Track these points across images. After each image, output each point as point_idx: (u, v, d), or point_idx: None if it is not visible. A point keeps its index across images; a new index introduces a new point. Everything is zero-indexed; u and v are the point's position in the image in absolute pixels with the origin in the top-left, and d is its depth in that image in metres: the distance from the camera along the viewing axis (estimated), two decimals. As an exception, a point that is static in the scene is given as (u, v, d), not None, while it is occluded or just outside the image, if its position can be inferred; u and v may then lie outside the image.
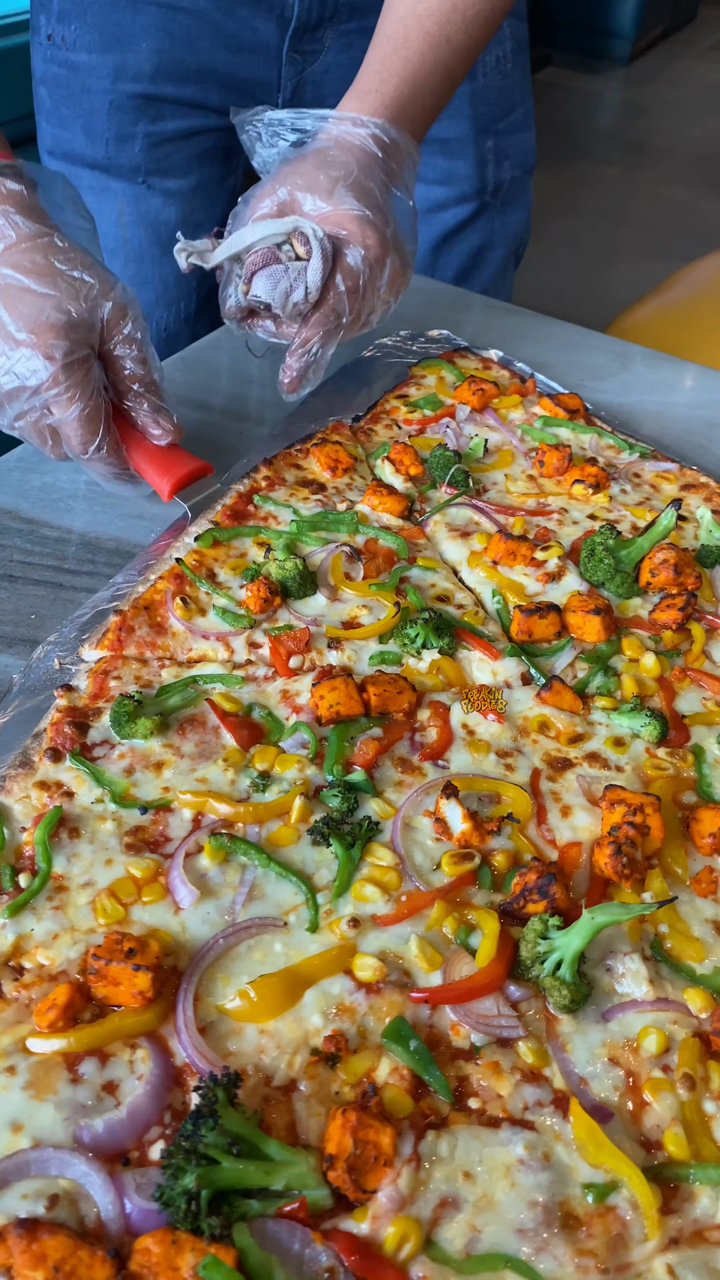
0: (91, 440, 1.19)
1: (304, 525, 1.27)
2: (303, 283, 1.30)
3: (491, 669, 1.12)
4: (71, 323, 1.15)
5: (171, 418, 1.26)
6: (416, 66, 1.41)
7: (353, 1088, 0.80)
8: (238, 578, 1.20)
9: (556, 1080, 0.81)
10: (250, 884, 0.91)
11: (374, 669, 1.12)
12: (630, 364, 1.70)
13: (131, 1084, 0.79)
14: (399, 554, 1.26)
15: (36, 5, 1.76)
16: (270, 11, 1.74)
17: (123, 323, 1.20)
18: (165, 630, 1.14)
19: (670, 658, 1.17)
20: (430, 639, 1.13)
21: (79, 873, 0.91)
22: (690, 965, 0.89)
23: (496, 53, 1.89)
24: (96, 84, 1.76)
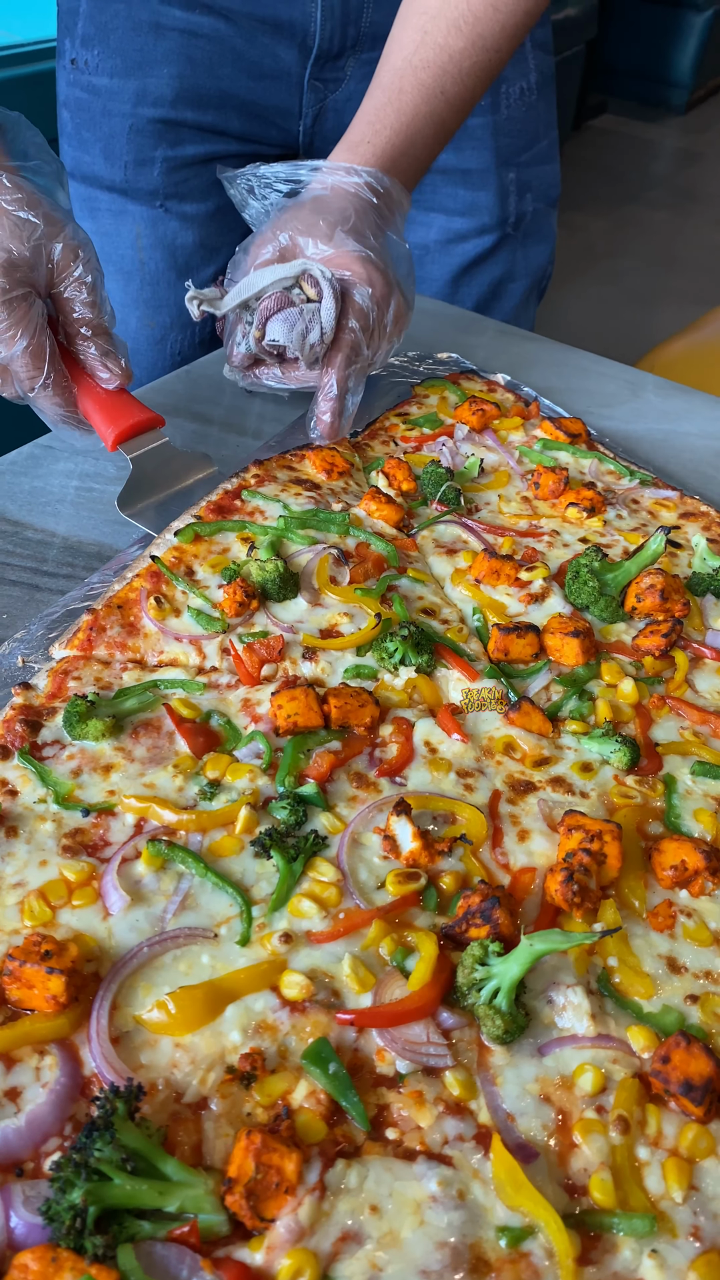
0: (37, 376, 1.20)
1: (292, 521, 1.24)
2: (317, 324, 1.31)
3: (466, 689, 1.09)
4: (12, 261, 1.15)
5: (120, 362, 1.26)
6: (410, 118, 1.43)
7: (266, 1109, 0.76)
8: (217, 576, 1.17)
9: (482, 1114, 0.77)
10: (185, 893, 0.88)
11: (349, 681, 1.08)
12: (641, 392, 1.67)
13: (35, 1092, 0.76)
14: (389, 561, 1.22)
15: (62, 30, 1.79)
16: (292, 40, 1.75)
17: (73, 265, 1.21)
18: (137, 631, 1.12)
19: (650, 685, 1.12)
20: (409, 655, 1.09)
21: (11, 872, 0.89)
22: (638, 1002, 0.84)
23: (520, 84, 1.89)
24: (117, 108, 1.78)
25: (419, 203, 1.95)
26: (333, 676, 1.09)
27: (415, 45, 1.44)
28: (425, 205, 1.95)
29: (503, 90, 1.87)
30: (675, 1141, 0.76)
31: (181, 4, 1.71)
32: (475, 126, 1.88)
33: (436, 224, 1.97)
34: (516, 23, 1.48)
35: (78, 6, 1.75)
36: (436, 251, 1.99)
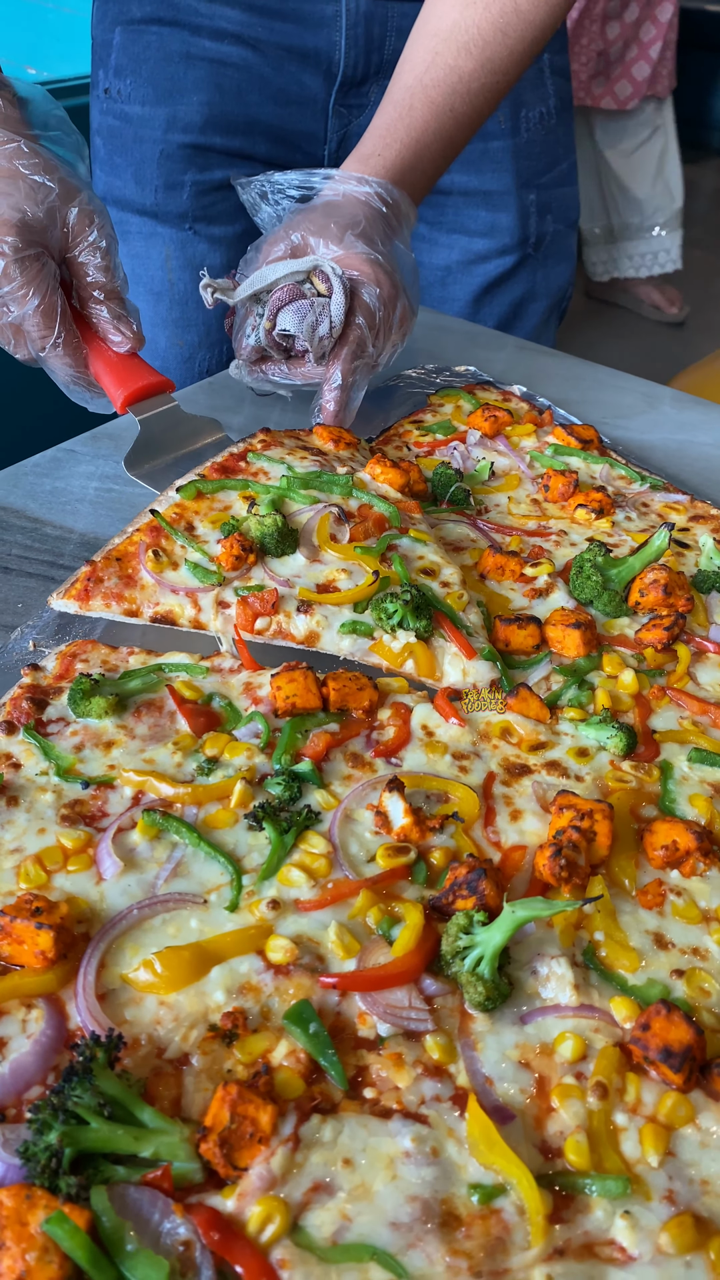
0: (49, 335, 1.23)
1: (295, 481, 1.24)
2: (327, 317, 1.35)
3: (464, 667, 1.10)
4: (25, 221, 1.20)
5: (132, 325, 1.30)
6: (419, 134, 1.47)
7: (246, 1067, 0.77)
8: (216, 532, 1.18)
9: (460, 1077, 0.77)
10: (177, 861, 0.90)
11: (344, 637, 1.10)
12: (658, 404, 1.68)
13: (20, 1042, 0.77)
14: (391, 521, 1.23)
15: (96, 61, 1.87)
16: (318, 67, 1.81)
17: (88, 230, 1.25)
18: (135, 583, 1.14)
19: (652, 676, 1.13)
20: (408, 619, 1.10)
21: (10, 839, 0.91)
22: (622, 975, 0.84)
23: (540, 109, 1.93)
24: (148, 134, 1.85)
25: (440, 224, 1.99)
26: (328, 630, 1.10)
27: (426, 65, 1.48)
28: (447, 227, 2.00)
29: (522, 114, 1.92)
30: (654, 1109, 0.76)
31: (211, 34, 1.78)
32: (496, 149, 1.92)
33: (458, 245, 2.01)
34: (524, 49, 1.53)
35: (111, 39, 1.83)
36: (458, 272, 2.03)
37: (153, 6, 1.77)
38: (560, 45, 1.95)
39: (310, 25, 1.77)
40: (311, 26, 1.77)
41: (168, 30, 1.78)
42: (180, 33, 1.78)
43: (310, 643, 1.12)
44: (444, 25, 1.50)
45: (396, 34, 1.76)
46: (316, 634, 1.10)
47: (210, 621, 1.13)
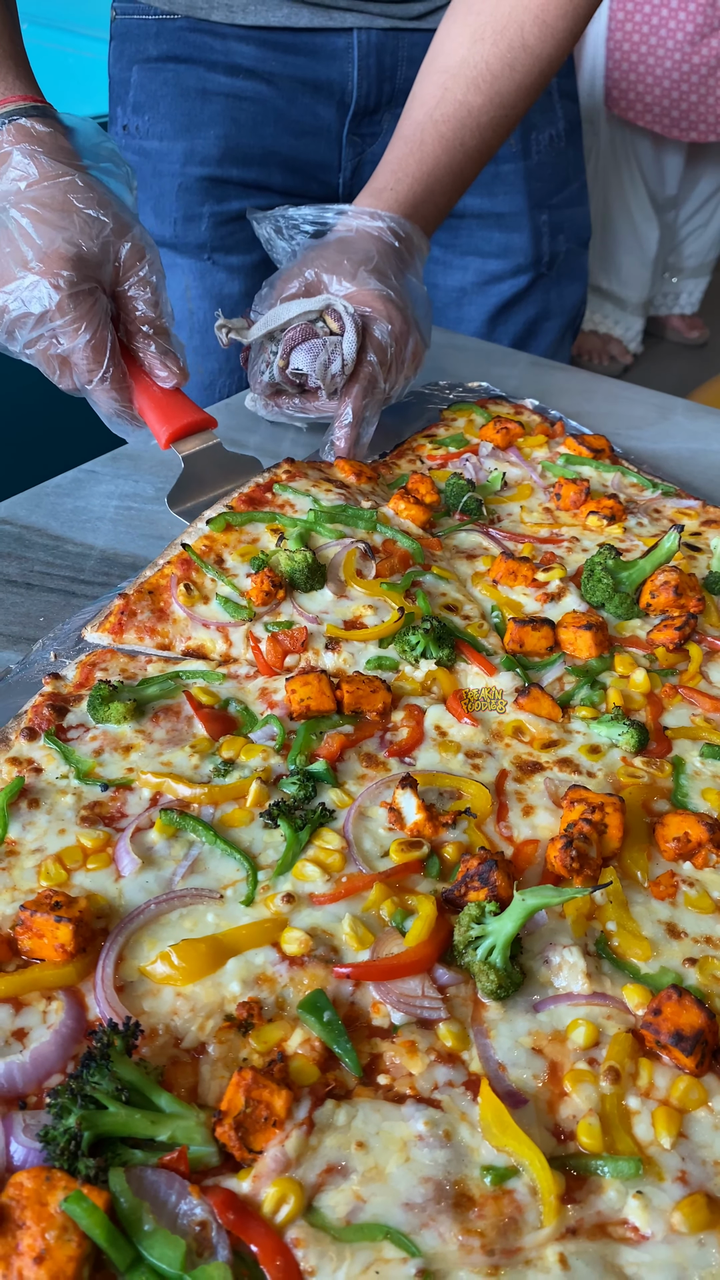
0: (97, 370, 1.25)
1: (321, 515, 1.26)
2: (339, 355, 1.38)
3: (486, 684, 1.11)
4: (81, 256, 1.22)
5: (178, 361, 1.31)
6: (430, 168, 1.50)
7: (262, 1055, 0.78)
8: (245, 565, 1.20)
9: (473, 1064, 0.78)
10: (194, 858, 0.92)
11: (369, 672, 1.11)
12: (671, 415, 1.70)
13: (41, 1032, 0.79)
14: (415, 558, 1.26)
15: (114, 99, 1.93)
16: (331, 98, 1.86)
17: (138, 265, 1.27)
18: (167, 616, 1.16)
19: (664, 676, 1.14)
20: (431, 649, 1.12)
21: (32, 839, 0.93)
22: (635, 964, 0.85)
23: (550, 131, 1.97)
24: (167, 168, 1.90)
25: (454, 246, 2.03)
26: (354, 667, 1.12)
27: (436, 100, 1.52)
28: (461, 249, 2.03)
29: (533, 137, 1.96)
30: (667, 1093, 0.76)
31: (226, 70, 1.83)
32: (508, 172, 1.96)
33: (472, 266, 2.05)
34: (532, 82, 1.56)
35: (129, 77, 1.88)
36: (473, 293, 2.06)
37: (169, 45, 1.83)
38: (568, 70, 1.98)
39: (323, 58, 1.82)
40: (324, 59, 1.82)
41: (184, 67, 1.83)
42: (196, 69, 1.83)
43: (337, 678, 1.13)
44: (453, 61, 1.54)
45: (407, 63, 1.81)
46: (344, 671, 1.12)
47: (241, 656, 1.14)
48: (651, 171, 4.82)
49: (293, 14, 1.78)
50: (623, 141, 4.74)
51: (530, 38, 1.53)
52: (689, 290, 5.35)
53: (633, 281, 5.07)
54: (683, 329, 5.51)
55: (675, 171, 4.85)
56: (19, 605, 1.24)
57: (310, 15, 1.78)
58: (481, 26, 1.53)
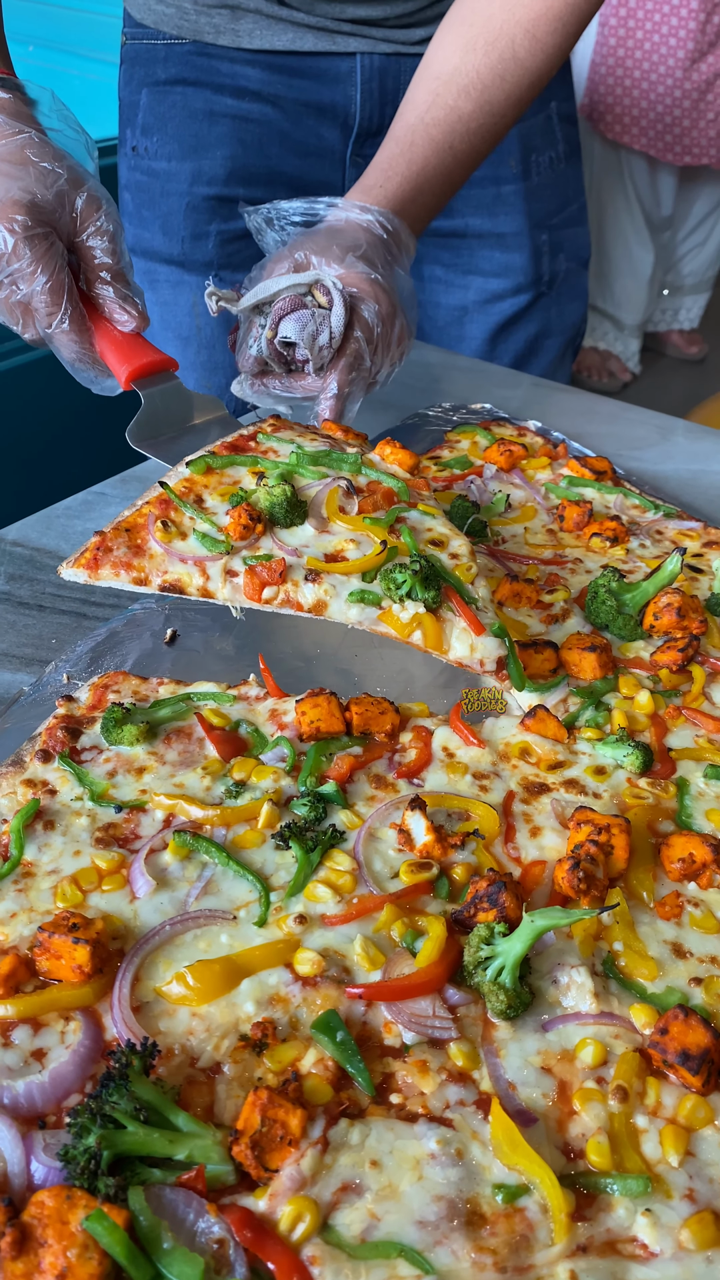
0: (56, 312, 1.28)
1: (304, 457, 1.24)
2: (327, 327, 1.40)
3: (471, 643, 1.11)
4: (35, 203, 1.25)
5: (137, 305, 1.34)
6: (420, 168, 1.53)
7: (276, 1075, 0.79)
8: (225, 504, 1.20)
9: (484, 1083, 0.80)
10: (207, 880, 0.93)
11: (352, 606, 1.11)
12: (671, 436, 1.72)
13: (59, 1053, 0.80)
14: (400, 496, 1.24)
15: (123, 121, 1.95)
16: (335, 120, 1.89)
17: (95, 215, 1.30)
18: (144, 552, 1.17)
19: (668, 697, 1.15)
20: (417, 589, 1.11)
21: (48, 861, 0.95)
22: (641, 983, 0.86)
23: (550, 154, 1.99)
24: (175, 188, 1.92)
25: (456, 266, 2.06)
26: (335, 599, 1.12)
27: (427, 105, 1.55)
28: (463, 268, 2.06)
29: (533, 159, 1.98)
30: (674, 1111, 0.78)
31: (233, 92, 1.86)
32: (509, 193, 1.99)
33: (474, 285, 2.07)
34: (521, 94, 1.59)
35: (138, 100, 1.91)
36: (475, 311, 2.09)
37: (177, 68, 1.86)
38: (567, 94, 2.01)
39: (327, 81, 1.84)
40: (328, 83, 1.84)
41: (192, 90, 1.86)
42: (203, 92, 1.86)
43: (318, 611, 1.14)
44: (445, 69, 1.57)
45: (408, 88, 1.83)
46: (324, 603, 1.12)
47: (218, 590, 1.15)
48: (646, 193, 4.86)
49: (298, 39, 1.81)
50: (616, 164, 4.78)
51: (520, 51, 1.56)
52: (688, 307, 5.38)
53: (628, 304, 5.10)
54: (682, 345, 5.54)
55: (669, 192, 4.89)
56: (31, 627, 1.25)
57: (315, 40, 1.81)
58: (474, 38, 1.56)
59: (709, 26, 4.21)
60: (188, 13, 1.82)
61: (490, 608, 1.16)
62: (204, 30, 1.83)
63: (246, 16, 1.80)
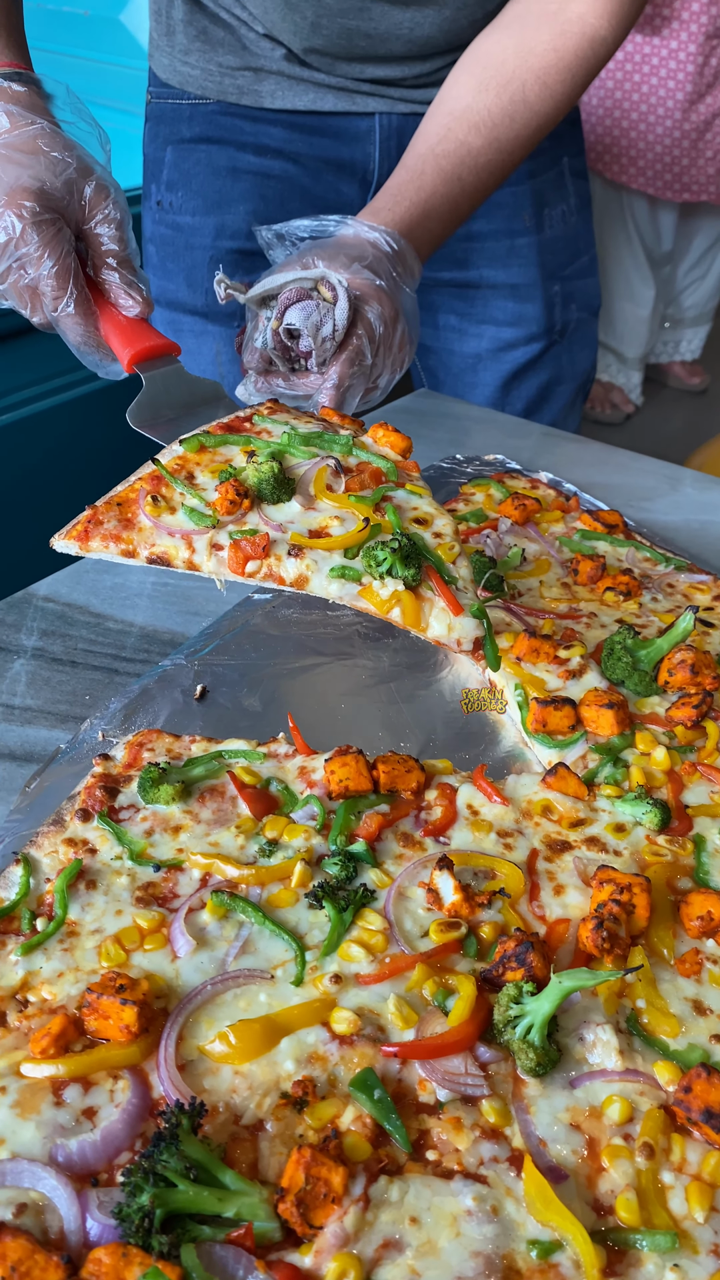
0: (62, 295, 1.32)
1: (296, 437, 1.26)
2: (331, 319, 1.43)
3: (449, 623, 1.14)
4: (44, 190, 1.29)
5: (142, 291, 1.38)
6: (428, 195, 1.58)
7: (316, 1131, 0.83)
8: (215, 481, 1.23)
9: (516, 1139, 0.83)
10: (245, 939, 0.97)
11: (333, 581, 1.14)
12: (680, 486, 1.77)
13: (109, 1111, 0.84)
14: (388, 476, 1.26)
15: (148, 176, 2.01)
16: (354, 176, 1.95)
17: (103, 204, 1.35)
18: (133, 525, 1.20)
19: (683, 753, 1.19)
20: (397, 567, 1.13)
21: (91, 920, 0.99)
22: (664, 1040, 0.90)
23: (561, 207, 2.05)
24: (198, 241, 1.98)
25: (470, 315, 2.11)
26: (317, 574, 1.15)
27: (439, 138, 1.61)
28: (477, 318, 2.11)
29: (546, 213, 2.04)
30: (699, 1168, 0.81)
31: (255, 150, 1.92)
32: (522, 246, 2.04)
33: (487, 334, 2.13)
34: (529, 135, 1.65)
35: (163, 157, 1.97)
36: (488, 359, 2.14)
37: (202, 127, 1.92)
38: (578, 149, 2.07)
39: (347, 140, 1.90)
40: (348, 141, 1.90)
41: (215, 147, 1.92)
42: (227, 149, 1.92)
43: (299, 586, 1.16)
44: (458, 106, 1.63)
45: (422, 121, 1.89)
46: (306, 577, 1.14)
47: (203, 563, 1.18)
48: (647, 229, 4.94)
49: (318, 99, 1.87)
50: (617, 201, 4.86)
51: (531, 95, 1.62)
52: (689, 338, 5.46)
53: (630, 337, 5.18)
54: (684, 376, 5.61)
55: (670, 228, 4.97)
56: (65, 684, 1.30)
57: (335, 100, 1.87)
58: (487, 79, 1.63)
59: (706, 69, 4.29)
60: (213, 74, 1.88)
61: (471, 588, 1.17)
62: (228, 91, 1.89)
63: (269, 78, 1.86)
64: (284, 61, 1.84)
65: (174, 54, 1.92)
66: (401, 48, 1.80)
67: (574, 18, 1.62)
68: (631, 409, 5.39)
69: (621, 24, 1.66)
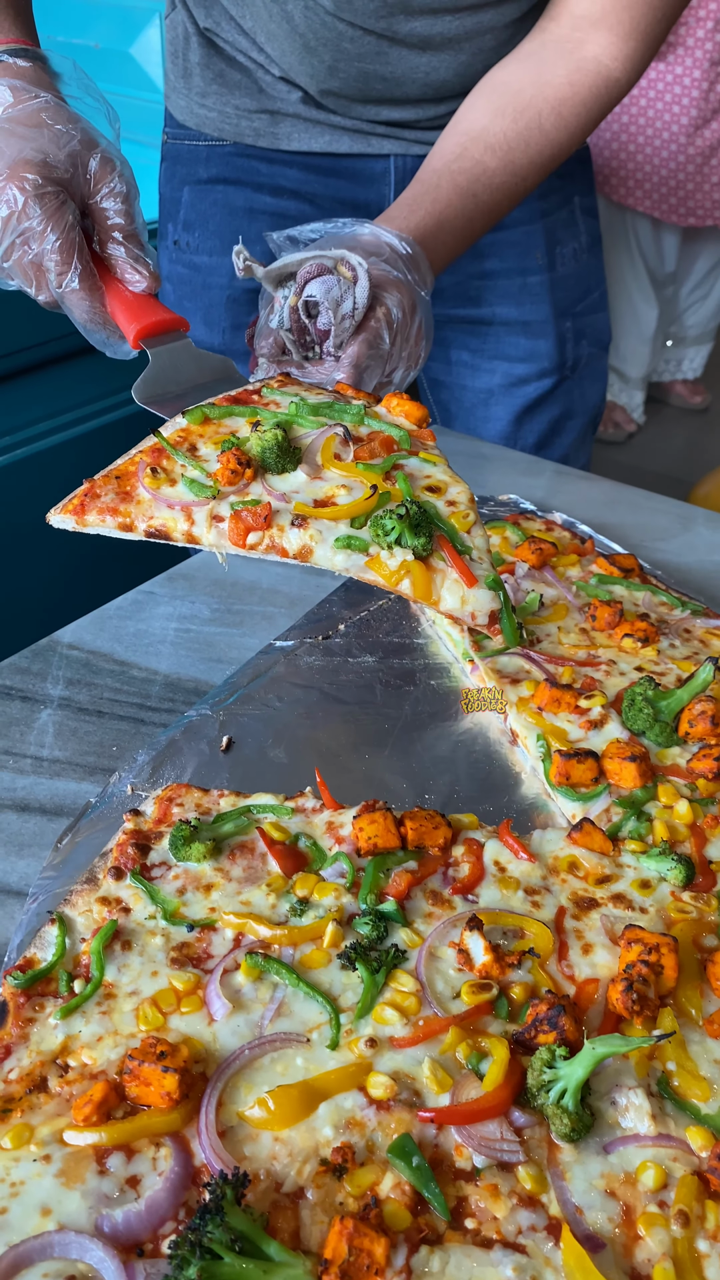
0: (66, 270, 1.28)
1: (304, 407, 1.21)
2: (351, 295, 1.41)
3: (463, 595, 1.10)
4: (46, 162, 1.27)
5: (149, 265, 1.35)
6: (443, 208, 1.59)
7: (356, 1199, 0.84)
8: (218, 451, 1.18)
9: (553, 1207, 0.85)
10: (280, 1001, 0.98)
11: (338, 553, 1.09)
12: (692, 526, 1.79)
13: (152, 1180, 0.85)
14: (400, 444, 1.20)
15: (164, 216, 2.03)
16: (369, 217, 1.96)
17: (108, 177, 1.32)
18: (132, 498, 1.16)
19: (705, 805, 1.21)
20: (406, 536, 1.08)
21: (127, 982, 1.00)
22: (695, 1104, 0.92)
23: (573, 245, 2.07)
24: (215, 281, 2.00)
25: (483, 351, 2.13)
26: (321, 545, 1.09)
27: (455, 156, 1.63)
28: (489, 354, 2.13)
29: (558, 251, 2.06)
30: (732, 1236, 0.83)
31: (271, 191, 1.94)
32: (534, 284, 2.07)
33: (500, 370, 2.15)
34: (544, 161, 1.67)
35: (180, 196, 1.99)
36: (500, 394, 2.16)
37: (219, 168, 1.94)
38: (589, 188, 2.09)
39: (362, 181, 1.92)
40: (363, 182, 1.92)
41: (232, 188, 1.94)
42: (243, 190, 1.94)
43: (303, 558, 1.12)
44: (474, 128, 1.65)
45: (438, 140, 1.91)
46: (310, 549, 1.10)
47: (203, 535, 1.13)
48: (650, 251, 4.97)
49: (334, 141, 1.89)
50: (621, 224, 4.90)
51: (547, 123, 1.64)
52: (691, 357, 5.49)
53: (633, 358, 5.21)
54: (686, 394, 5.64)
55: (673, 250, 5.00)
56: (92, 734, 1.31)
57: (350, 142, 1.89)
58: (503, 105, 1.65)
59: (712, 95, 4.33)
60: (229, 117, 1.90)
61: (486, 558, 1.11)
62: (244, 133, 1.91)
63: (285, 120, 1.88)
64: (300, 104, 1.86)
65: (191, 96, 1.94)
66: (417, 91, 1.82)
67: (589, 58, 1.64)
68: (634, 428, 5.42)
69: (635, 68, 1.68)
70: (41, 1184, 0.84)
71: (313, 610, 1.53)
